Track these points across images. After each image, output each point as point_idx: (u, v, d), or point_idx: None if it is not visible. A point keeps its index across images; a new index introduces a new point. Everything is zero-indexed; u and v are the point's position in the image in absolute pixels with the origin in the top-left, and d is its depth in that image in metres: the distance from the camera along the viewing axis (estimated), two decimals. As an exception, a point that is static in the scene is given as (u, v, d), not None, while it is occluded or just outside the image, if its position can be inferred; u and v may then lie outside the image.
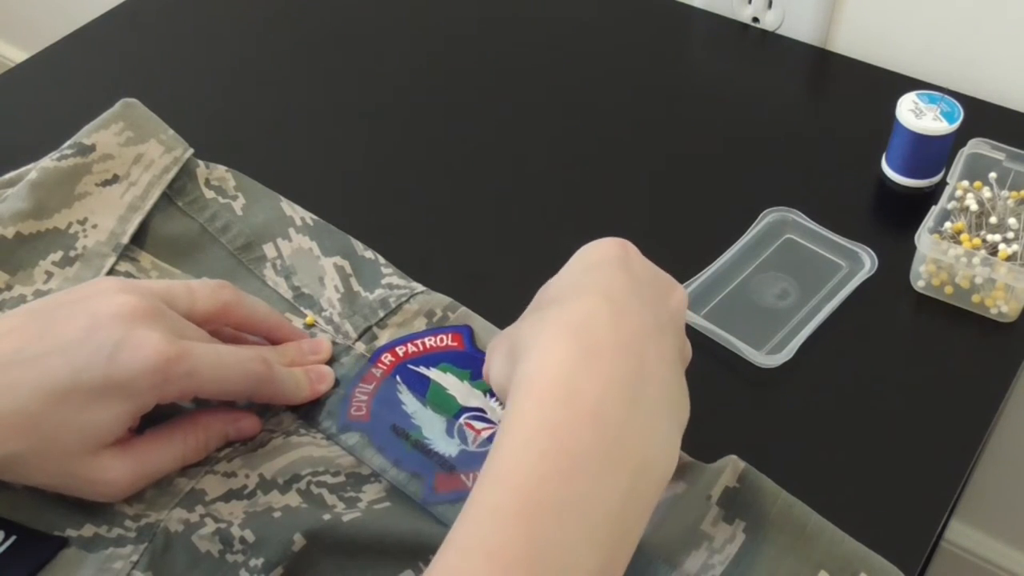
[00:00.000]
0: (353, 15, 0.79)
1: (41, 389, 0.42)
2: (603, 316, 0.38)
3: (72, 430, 0.42)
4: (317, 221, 0.60)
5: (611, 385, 0.36)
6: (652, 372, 0.38)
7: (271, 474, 0.48)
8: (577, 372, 0.36)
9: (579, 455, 0.35)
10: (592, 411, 0.35)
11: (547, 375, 0.36)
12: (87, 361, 0.42)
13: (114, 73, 0.74)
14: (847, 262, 0.57)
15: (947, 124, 0.58)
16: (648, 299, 0.40)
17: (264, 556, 0.44)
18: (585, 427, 0.35)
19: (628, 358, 0.37)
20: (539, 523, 0.34)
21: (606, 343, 0.37)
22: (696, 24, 0.77)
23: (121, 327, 0.43)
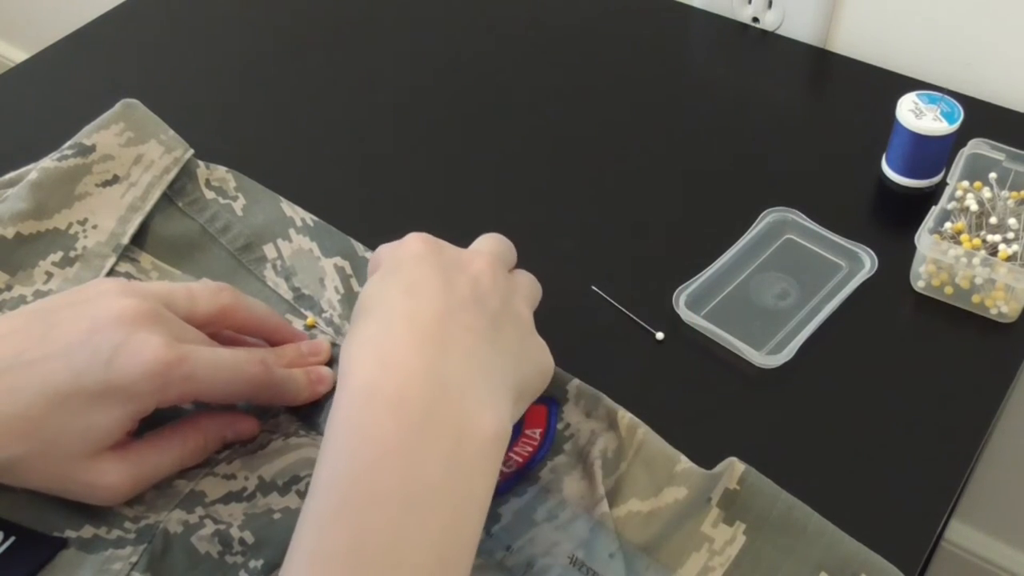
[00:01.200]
0: (353, 16, 0.79)
1: (42, 393, 0.42)
2: (397, 322, 0.40)
3: (72, 434, 0.42)
4: (317, 222, 0.59)
5: (410, 376, 0.38)
6: (455, 347, 0.40)
7: (270, 476, 0.48)
8: (375, 377, 0.39)
9: (384, 441, 0.37)
10: (391, 401, 0.38)
11: (350, 389, 0.39)
12: (87, 364, 0.42)
13: (114, 73, 0.74)
14: (847, 262, 0.57)
15: (947, 124, 0.58)
16: (445, 281, 0.42)
17: (264, 557, 0.44)
18: (387, 417, 0.37)
19: (424, 346, 0.39)
20: (357, 515, 0.36)
21: (401, 343, 0.39)
22: (696, 24, 0.77)
23: (121, 331, 0.43)
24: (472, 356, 0.41)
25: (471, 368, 0.40)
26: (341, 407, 0.39)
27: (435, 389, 0.39)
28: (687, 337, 0.54)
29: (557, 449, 0.48)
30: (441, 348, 0.40)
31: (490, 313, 0.43)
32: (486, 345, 0.41)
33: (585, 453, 0.48)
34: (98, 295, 0.45)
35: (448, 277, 0.43)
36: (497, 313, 0.43)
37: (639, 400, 0.50)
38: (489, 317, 0.43)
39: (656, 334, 0.54)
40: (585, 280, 0.57)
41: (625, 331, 0.55)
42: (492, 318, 0.43)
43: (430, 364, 0.39)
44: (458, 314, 0.41)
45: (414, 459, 0.37)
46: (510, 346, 0.43)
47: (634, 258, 0.59)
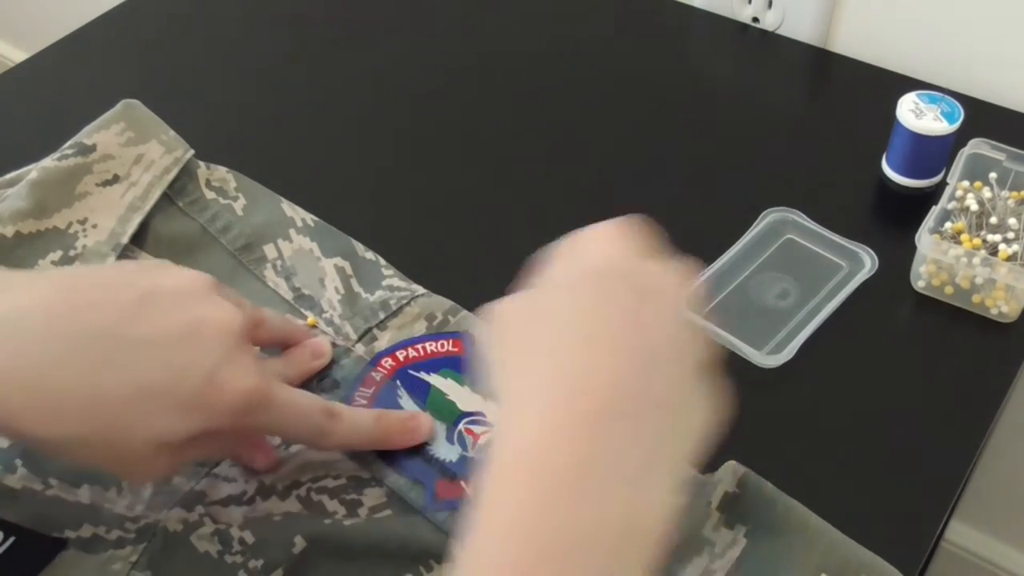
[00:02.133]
0: (353, 16, 0.79)
1: (132, 382, 0.39)
2: (570, 381, 0.34)
3: (144, 431, 0.40)
4: (318, 222, 0.59)
5: (593, 457, 0.32)
6: (639, 425, 0.33)
7: (271, 480, 0.48)
8: (556, 445, 0.32)
9: (551, 535, 0.31)
10: (570, 485, 0.32)
11: (527, 451, 0.33)
12: (186, 371, 0.40)
13: (114, 73, 0.74)
14: (847, 262, 0.57)
15: (947, 124, 0.58)
16: (638, 330, 0.35)
17: (264, 558, 0.44)
18: (560, 505, 0.31)
19: (598, 424, 0.33)
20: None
21: (570, 417, 0.33)
22: (696, 24, 0.77)
23: (224, 346, 0.41)
24: (656, 436, 0.34)
25: (651, 453, 0.33)
26: (492, 468, 0.33)
27: (611, 478, 0.32)
28: (688, 337, 0.54)
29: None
30: (618, 428, 0.33)
31: (681, 372, 0.36)
32: (669, 425, 0.34)
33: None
34: (191, 287, 0.43)
35: (641, 322, 0.35)
36: (686, 371, 0.36)
37: (639, 400, 0.50)
38: (679, 379, 0.35)
39: (656, 334, 0.54)
40: (585, 280, 0.57)
41: (625, 331, 0.55)
42: (681, 378, 0.36)
43: (601, 447, 0.32)
44: (649, 379, 0.34)
45: (576, 559, 0.31)
46: (691, 415, 0.36)
47: (634, 258, 0.59)
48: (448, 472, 0.47)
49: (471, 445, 0.48)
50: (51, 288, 0.41)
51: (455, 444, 0.49)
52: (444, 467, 0.48)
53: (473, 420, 0.50)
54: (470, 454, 0.48)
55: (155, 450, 0.41)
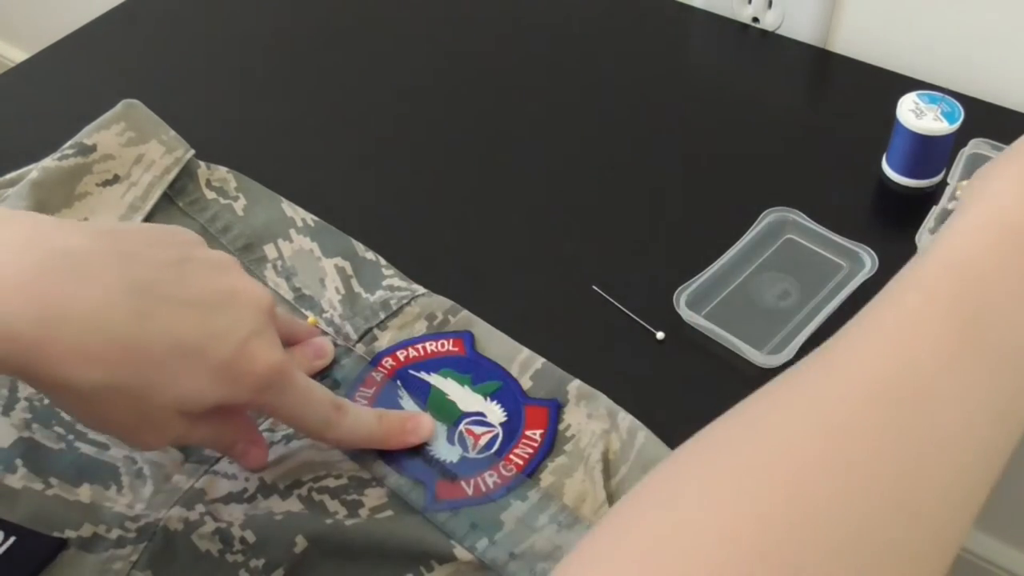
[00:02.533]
0: (354, 16, 0.79)
1: (171, 337, 0.39)
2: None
3: (174, 389, 0.40)
4: (318, 222, 0.60)
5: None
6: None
7: (272, 479, 0.48)
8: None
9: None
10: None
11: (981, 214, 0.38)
12: (222, 335, 0.41)
13: (114, 73, 0.74)
14: (848, 262, 0.57)
15: (947, 124, 0.58)
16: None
17: (265, 557, 0.44)
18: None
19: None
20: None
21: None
22: (696, 24, 0.77)
23: (257, 318, 0.42)
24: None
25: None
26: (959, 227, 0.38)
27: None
28: (688, 337, 0.54)
29: (558, 450, 0.48)
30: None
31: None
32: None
33: (587, 455, 0.48)
34: (227, 261, 0.44)
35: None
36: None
37: (640, 400, 0.50)
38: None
39: (657, 334, 0.54)
40: (586, 280, 0.57)
41: (626, 331, 0.55)
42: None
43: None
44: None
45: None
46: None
47: (635, 258, 0.59)
48: (448, 473, 0.47)
49: (471, 446, 0.48)
50: (97, 234, 0.40)
51: (455, 445, 0.49)
52: (444, 468, 0.48)
53: (473, 420, 0.50)
54: (470, 455, 0.48)
55: (173, 414, 0.41)
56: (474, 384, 0.51)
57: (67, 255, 0.38)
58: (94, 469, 0.48)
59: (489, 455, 0.48)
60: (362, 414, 0.48)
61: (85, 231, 0.40)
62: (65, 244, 0.39)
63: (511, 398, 0.50)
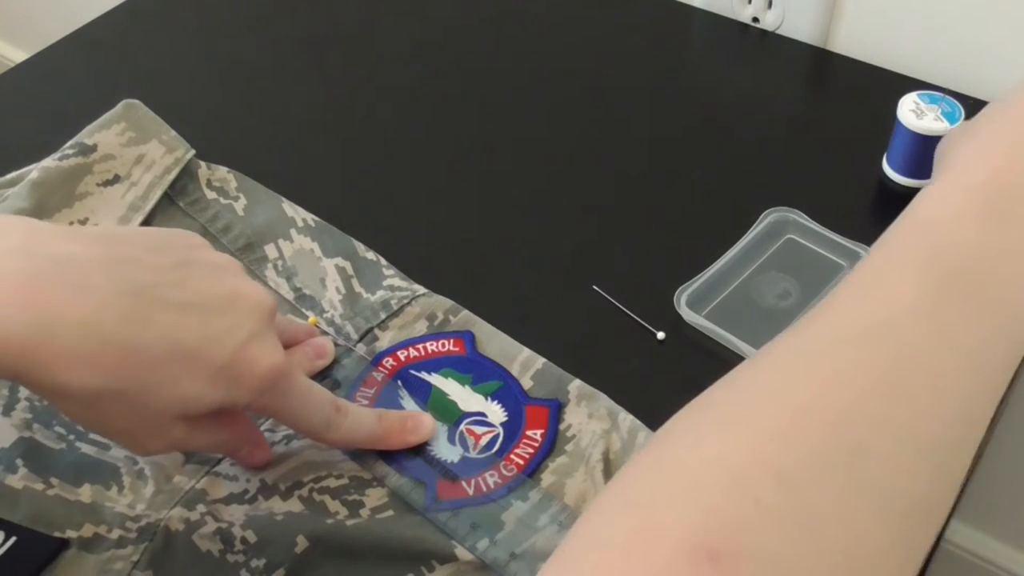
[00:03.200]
0: (353, 15, 0.79)
1: (170, 338, 0.39)
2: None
3: (172, 393, 0.40)
4: (318, 222, 0.60)
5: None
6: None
7: (272, 479, 0.48)
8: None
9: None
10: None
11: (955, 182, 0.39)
12: (221, 337, 0.40)
13: (114, 73, 0.74)
14: (848, 262, 0.57)
15: (948, 124, 0.58)
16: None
17: (266, 557, 0.44)
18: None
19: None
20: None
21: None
22: (696, 24, 0.77)
23: (258, 321, 0.42)
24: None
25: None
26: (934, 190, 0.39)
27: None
28: (688, 337, 0.54)
29: (559, 450, 0.48)
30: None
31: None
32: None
33: (587, 455, 0.48)
34: (229, 263, 0.44)
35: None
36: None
37: (640, 400, 0.50)
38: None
39: (657, 334, 0.54)
40: (586, 280, 0.57)
41: (626, 331, 0.55)
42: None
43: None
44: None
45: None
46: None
47: (635, 258, 0.59)
48: (449, 473, 0.47)
49: (472, 446, 0.48)
50: (93, 238, 0.41)
51: (456, 445, 0.49)
52: (445, 468, 0.48)
53: (474, 420, 0.50)
54: (471, 455, 0.48)
55: (173, 419, 0.41)
56: (475, 384, 0.51)
57: (62, 261, 0.38)
58: (95, 469, 0.48)
59: (490, 455, 0.48)
60: (362, 414, 0.48)
61: (81, 237, 0.40)
62: (60, 251, 0.39)
63: (512, 398, 0.50)
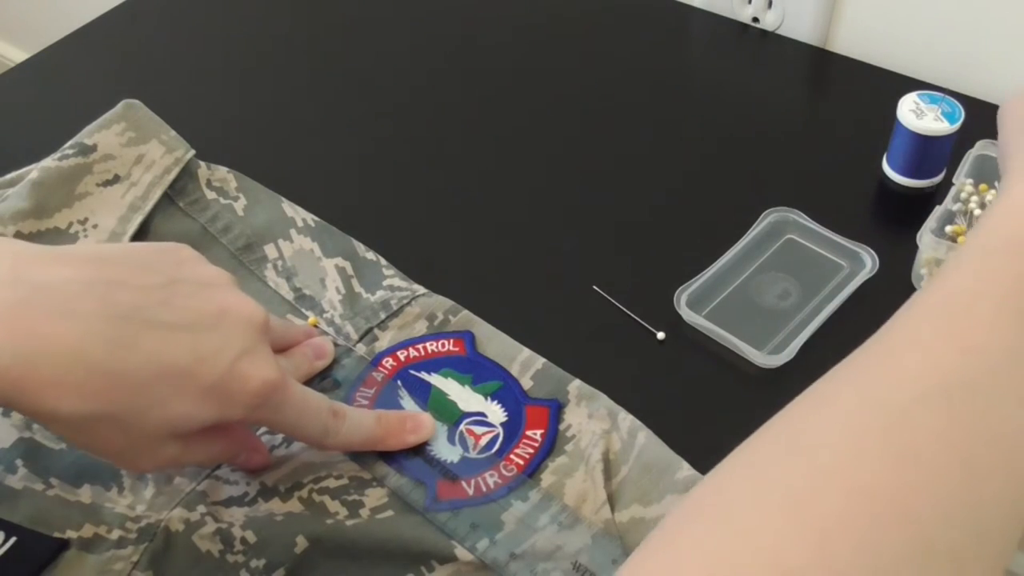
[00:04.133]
0: (354, 15, 0.79)
1: (158, 359, 0.39)
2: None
3: (163, 414, 0.40)
4: (318, 222, 0.59)
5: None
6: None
7: (272, 481, 0.48)
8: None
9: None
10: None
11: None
12: (212, 355, 0.40)
13: (114, 73, 0.74)
14: (848, 262, 0.57)
15: (948, 124, 0.58)
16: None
17: (266, 557, 0.44)
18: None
19: None
20: None
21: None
22: (696, 24, 0.77)
23: (248, 336, 0.41)
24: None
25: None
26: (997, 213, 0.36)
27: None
28: (688, 337, 0.54)
29: (559, 450, 0.48)
30: None
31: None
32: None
33: (587, 455, 0.48)
34: (216, 277, 0.43)
35: None
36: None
37: (640, 400, 0.50)
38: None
39: (657, 334, 0.54)
40: (586, 280, 0.57)
41: (626, 331, 0.55)
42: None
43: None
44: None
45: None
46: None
47: (635, 258, 0.59)
48: (449, 473, 0.47)
49: (472, 446, 0.48)
50: (79, 261, 0.40)
51: (456, 445, 0.49)
52: (445, 468, 0.48)
53: (474, 421, 0.50)
54: (471, 455, 0.48)
55: (165, 438, 0.41)
56: (475, 384, 0.51)
57: (47, 288, 0.38)
58: (95, 470, 0.48)
59: (490, 455, 0.48)
60: (360, 417, 0.47)
61: (68, 260, 0.40)
62: (46, 276, 0.39)
63: (512, 398, 0.50)
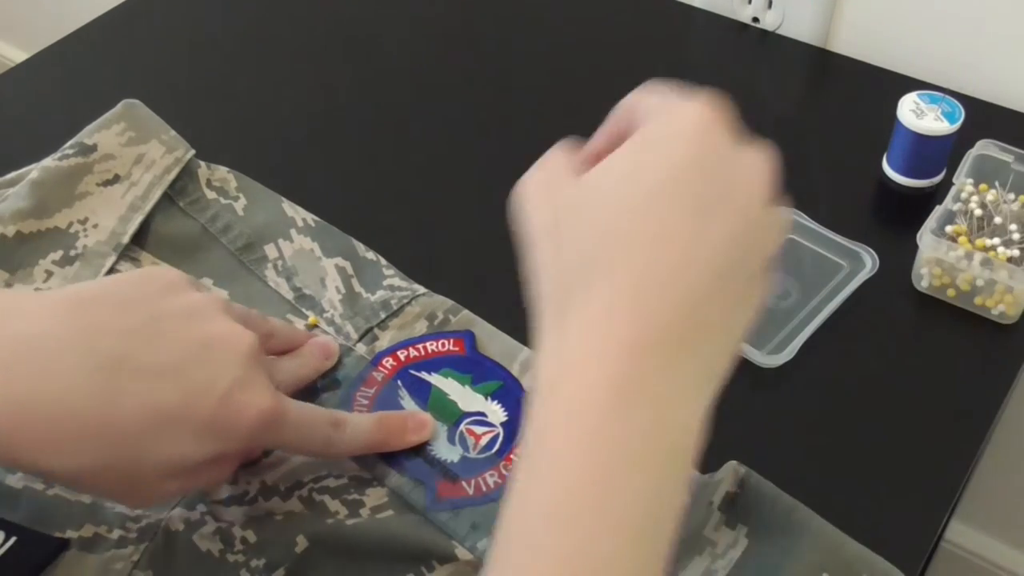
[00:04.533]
0: (354, 15, 0.79)
1: (146, 409, 0.39)
2: (655, 298, 0.32)
3: (158, 458, 0.40)
4: (318, 222, 0.59)
5: (641, 382, 0.31)
6: (694, 342, 0.32)
7: (272, 480, 0.48)
8: (604, 370, 0.31)
9: (606, 465, 0.31)
10: (616, 408, 0.31)
11: (571, 405, 0.31)
12: (200, 392, 0.40)
13: (114, 73, 0.74)
14: (848, 262, 0.57)
15: (948, 124, 0.58)
16: (702, 225, 0.33)
17: (266, 557, 0.45)
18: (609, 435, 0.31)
19: (673, 350, 0.31)
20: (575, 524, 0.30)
21: (648, 337, 0.31)
22: (696, 24, 0.77)
23: (236, 366, 0.41)
24: (708, 354, 0.32)
25: (699, 369, 0.32)
26: (535, 405, 0.32)
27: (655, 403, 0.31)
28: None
29: (558, 449, 0.48)
30: (673, 356, 0.31)
31: (745, 289, 0.34)
32: (726, 335, 0.33)
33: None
34: (201, 304, 0.42)
35: (706, 219, 0.33)
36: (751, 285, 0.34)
37: (640, 400, 0.50)
38: (742, 296, 0.34)
39: (657, 334, 0.54)
40: (586, 280, 0.57)
41: (626, 331, 0.55)
42: (748, 282, 0.34)
43: (652, 374, 0.31)
44: (720, 287, 0.32)
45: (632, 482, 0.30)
46: (739, 322, 0.34)
47: (635, 258, 0.59)
48: (449, 473, 0.47)
49: (472, 446, 0.48)
50: (58, 310, 0.40)
51: (456, 445, 0.49)
52: (445, 467, 0.48)
53: (474, 420, 0.50)
54: (471, 455, 0.48)
55: (166, 477, 0.41)
56: (475, 384, 0.51)
57: (30, 342, 0.38)
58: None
59: (490, 455, 0.48)
60: (360, 423, 0.47)
61: (51, 308, 0.40)
62: (29, 330, 0.39)
63: (512, 398, 0.50)
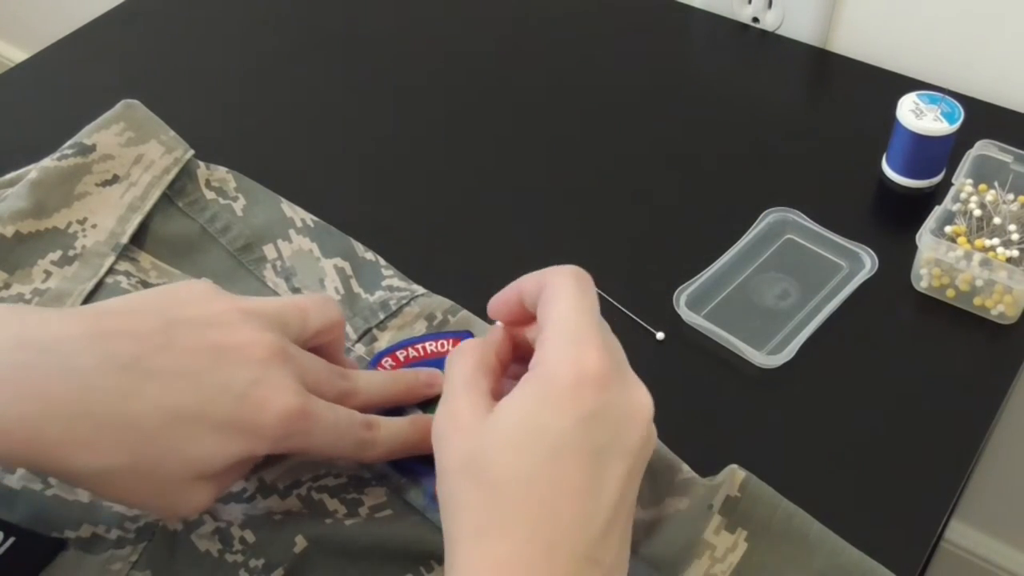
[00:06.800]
0: (354, 15, 0.79)
1: (163, 407, 0.39)
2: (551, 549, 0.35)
3: (180, 458, 0.40)
4: (317, 222, 0.59)
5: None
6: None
7: (271, 478, 0.48)
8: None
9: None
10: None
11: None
12: (216, 394, 0.40)
13: (114, 73, 0.74)
14: (847, 262, 0.57)
15: (947, 125, 0.58)
16: (597, 474, 0.36)
17: (265, 557, 0.44)
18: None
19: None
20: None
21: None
22: (696, 24, 0.77)
23: (253, 366, 0.41)
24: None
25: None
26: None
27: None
28: (688, 337, 0.54)
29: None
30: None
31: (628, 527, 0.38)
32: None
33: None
34: (220, 314, 0.42)
35: (603, 466, 0.37)
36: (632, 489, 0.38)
37: (639, 400, 0.50)
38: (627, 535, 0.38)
39: (657, 334, 0.54)
40: (585, 280, 0.57)
41: (626, 331, 0.55)
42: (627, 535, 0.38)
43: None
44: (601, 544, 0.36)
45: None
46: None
47: (634, 258, 0.59)
48: (448, 472, 0.47)
49: (471, 445, 0.48)
50: (80, 318, 0.41)
51: (455, 444, 0.48)
52: (444, 467, 0.47)
53: (473, 420, 0.49)
54: (470, 454, 0.48)
55: (193, 480, 0.40)
56: None
57: (50, 349, 0.39)
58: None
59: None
60: (393, 425, 0.46)
61: (68, 319, 0.40)
62: (49, 338, 0.39)
63: (511, 398, 0.50)
